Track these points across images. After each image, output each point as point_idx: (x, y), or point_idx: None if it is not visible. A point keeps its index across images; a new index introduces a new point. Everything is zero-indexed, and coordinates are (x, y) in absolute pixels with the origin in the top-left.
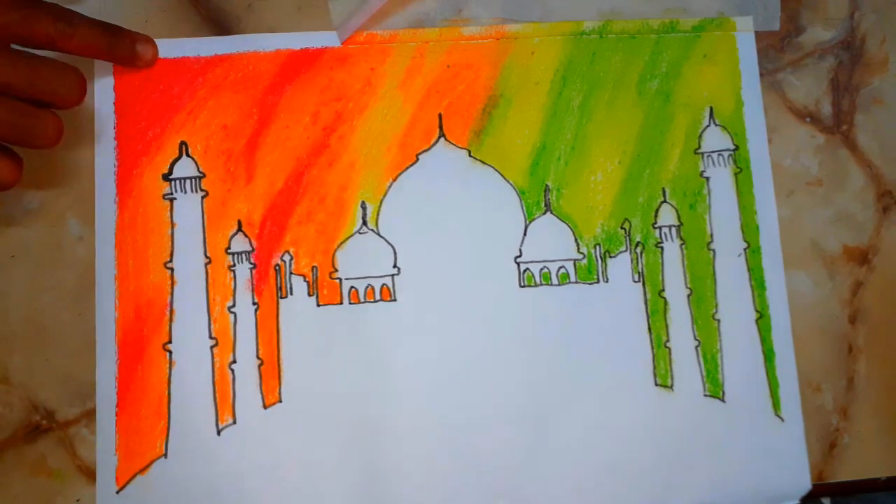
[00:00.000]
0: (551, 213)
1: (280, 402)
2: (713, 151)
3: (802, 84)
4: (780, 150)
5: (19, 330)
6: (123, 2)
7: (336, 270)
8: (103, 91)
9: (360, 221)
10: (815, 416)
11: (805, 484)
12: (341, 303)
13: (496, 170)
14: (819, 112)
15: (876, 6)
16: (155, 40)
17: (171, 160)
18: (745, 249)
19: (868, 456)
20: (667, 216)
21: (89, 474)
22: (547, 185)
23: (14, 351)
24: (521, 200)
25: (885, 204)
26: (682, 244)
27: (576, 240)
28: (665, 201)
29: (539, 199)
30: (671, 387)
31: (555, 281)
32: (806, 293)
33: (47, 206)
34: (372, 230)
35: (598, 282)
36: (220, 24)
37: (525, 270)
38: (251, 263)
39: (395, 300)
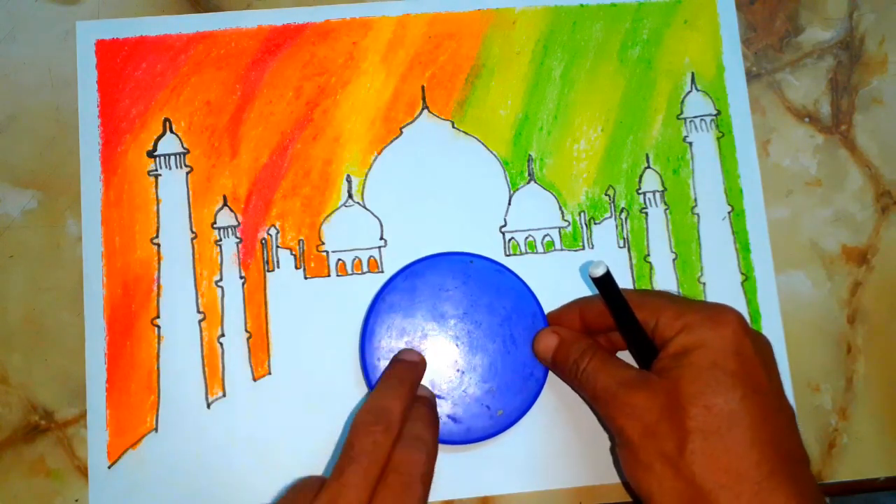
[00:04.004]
0: (535, 182)
1: (269, 374)
2: (695, 117)
3: (801, 84)
4: (778, 150)
5: (18, 330)
6: (122, 2)
7: (323, 243)
8: (86, 70)
9: (346, 195)
10: (813, 417)
11: None
12: (329, 275)
13: (480, 140)
14: (818, 112)
15: (875, 6)
16: (136, 18)
17: (155, 137)
18: (729, 213)
19: (867, 456)
20: (651, 182)
21: (87, 474)
22: (530, 155)
23: (13, 351)
24: (504, 171)
25: (883, 204)
26: (666, 209)
27: (560, 208)
28: (649, 167)
29: (523, 169)
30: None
31: (540, 249)
32: (804, 293)
33: (46, 206)
34: (358, 203)
35: (583, 248)
36: None
37: (510, 239)
38: (237, 238)
39: (382, 272)
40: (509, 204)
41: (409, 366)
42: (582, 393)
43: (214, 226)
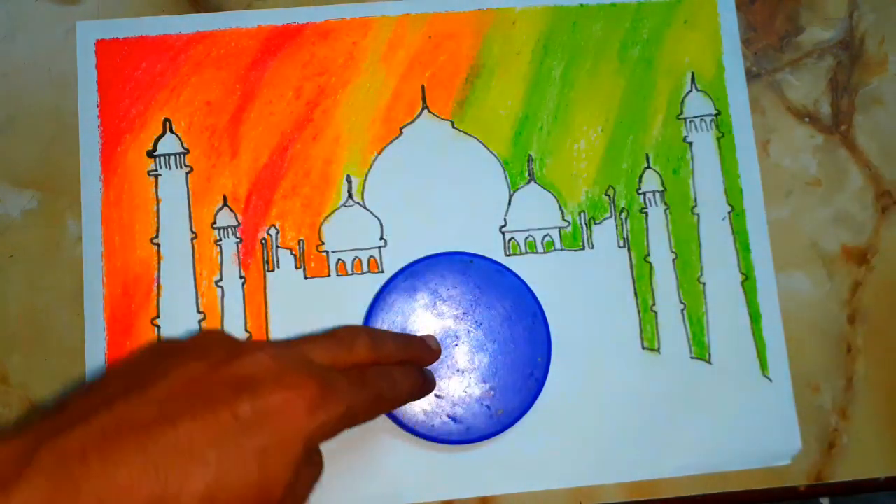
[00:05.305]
0: (535, 182)
1: None
2: (695, 116)
3: (801, 84)
4: (778, 150)
5: (18, 330)
6: (122, 2)
7: (323, 243)
8: (86, 70)
9: (346, 195)
10: (813, 417)
11: (795, 444)
12: (329, 275)
13: (479, 140)
14: (818, 112)
15: (875, 6)
16: (136, 18)
17: (155, 137)
18: (729, 213)
19: (867, 456)
20: (651, 182)
21: None
22: (530, 155)
23: (13, 351)
24: (504, 170)
25: (884, 204)
26: (666, 209)
27: (560, 208)
28: (649, 167)
29: (523, 169)
30: (658, 350)
31: (540, 249)
32: (804, 293)
33: (46, 206)
34: (358, 203)
35: (583, 248)
36: None
37: (510, 239)
38: (237, 238)
39: (382, 272)
40: (509, 204)
41: (420, 343)
42: None
43: (214, 226)
